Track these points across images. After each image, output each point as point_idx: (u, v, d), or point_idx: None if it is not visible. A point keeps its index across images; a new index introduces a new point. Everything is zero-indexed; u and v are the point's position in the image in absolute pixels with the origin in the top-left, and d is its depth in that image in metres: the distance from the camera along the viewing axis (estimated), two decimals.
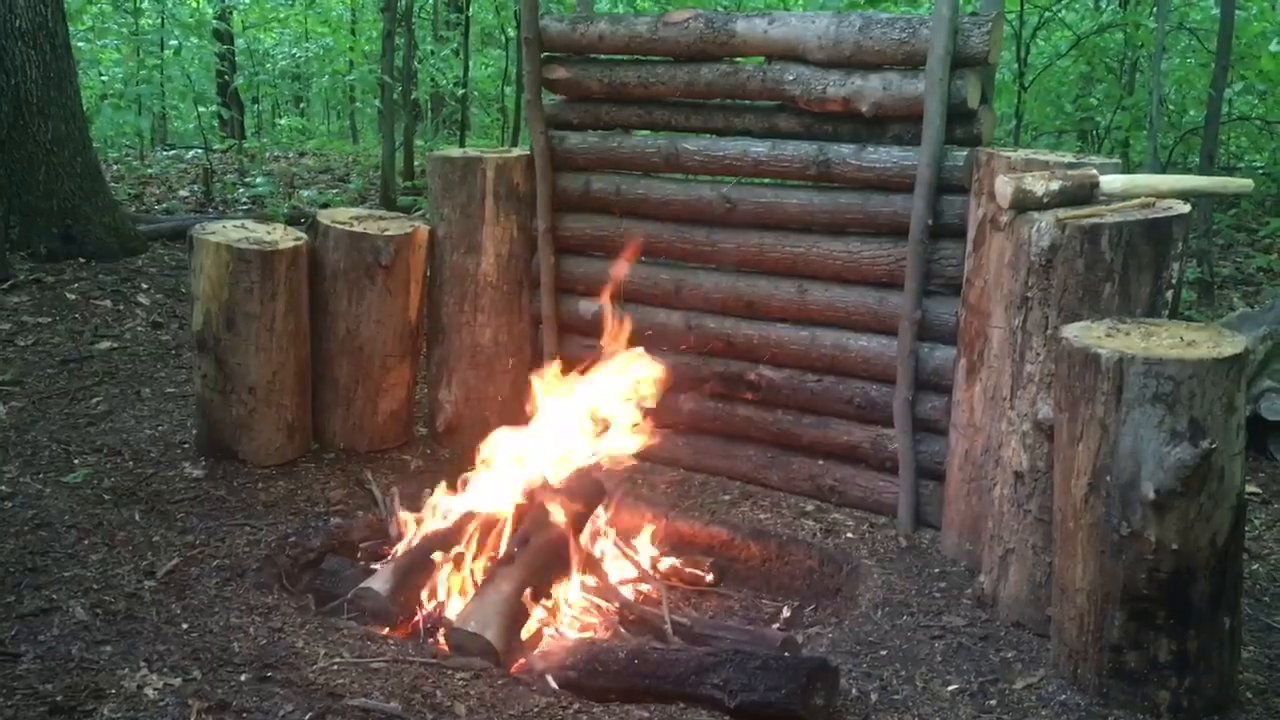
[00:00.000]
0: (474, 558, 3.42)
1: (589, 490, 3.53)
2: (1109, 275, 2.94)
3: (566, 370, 3.96)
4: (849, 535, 3.80)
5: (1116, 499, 2.70)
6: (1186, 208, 3.00)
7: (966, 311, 3.52)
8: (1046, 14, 9.34)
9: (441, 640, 3.13)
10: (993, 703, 2.81)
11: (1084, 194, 3.09)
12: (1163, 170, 7.69)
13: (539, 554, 3.27)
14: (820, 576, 3.68)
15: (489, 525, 3.48)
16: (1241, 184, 3.19)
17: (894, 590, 3.41)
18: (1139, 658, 2.75)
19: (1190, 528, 2.65)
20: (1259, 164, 10.62)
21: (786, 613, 3.56)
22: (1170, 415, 2.61)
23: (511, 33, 10.40)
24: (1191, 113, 9.75)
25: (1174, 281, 2.98)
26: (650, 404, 3.78)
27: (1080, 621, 2.84)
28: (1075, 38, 9.88)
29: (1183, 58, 9.29)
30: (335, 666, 2.82)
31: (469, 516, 3.52)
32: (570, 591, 3.36)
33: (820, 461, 4.02)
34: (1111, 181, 3.11)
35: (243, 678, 2.70)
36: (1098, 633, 2.80)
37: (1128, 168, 9.58)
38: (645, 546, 3.82)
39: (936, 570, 3.55)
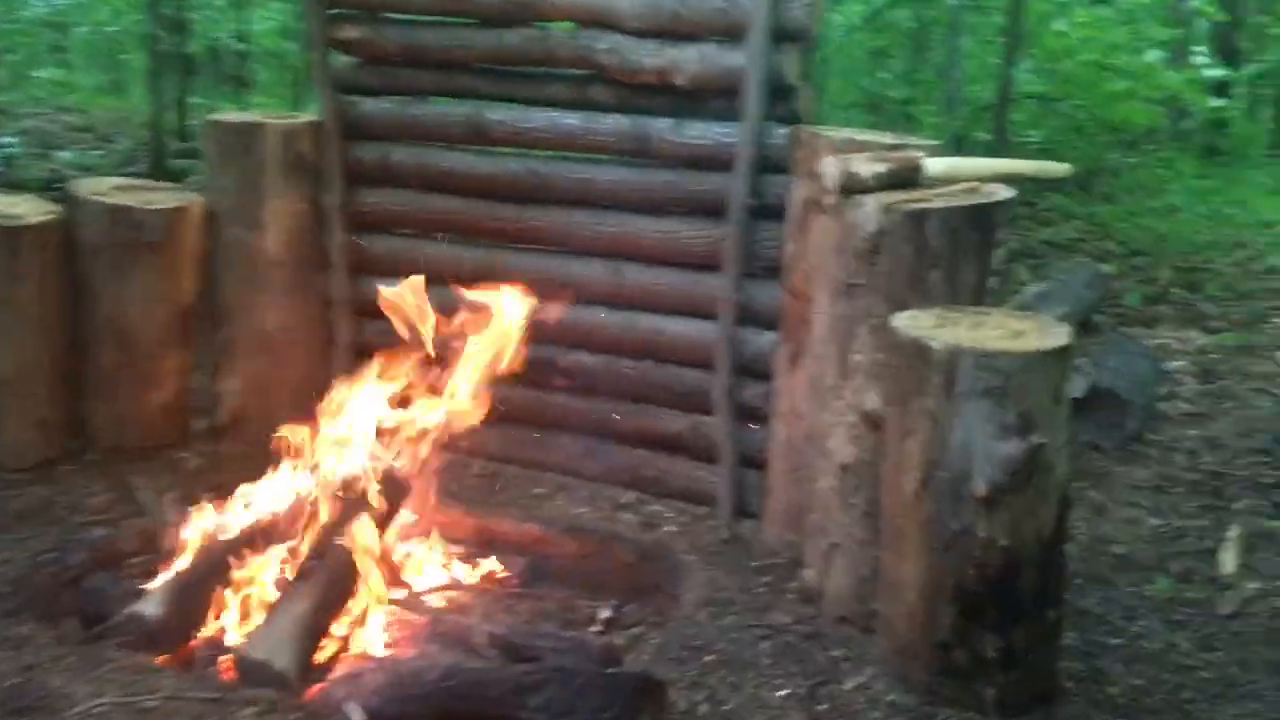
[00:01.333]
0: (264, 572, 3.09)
1: (391, 491, 3.25)
2: (936, 262, 2.86)
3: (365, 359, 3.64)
4: (669, 528, 3.65)
5: (947, 494, 2.63)
6: (1010, 193, 2.95)
7: (789, 295, 3.40)
8: None
9: (226, 670, 2.81)
10: (823, 707, 2.72)
11: (909, 177, 3.00)
12: (958, 147, 7.87)
13: (336, 569, 2.97)
14: (640, 573, 3.52)
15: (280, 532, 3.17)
16: (1059, 168, 3.17)
17: (717, 587, 3.28)
18: (967, 655, 2.70)
19: (1019, 522, 2.61)
20: (1035, 139, 11.06)
21: (606, 613, 3.37)
22: (1000, 409, 2.55)
23: None
24: (975, 87, 10.07)
25: (997, 268, 2.92)
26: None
27: (909, 619, 2.77)
28: (870, 11, 10.04)
29: (972, 35, 9.55)
30: (100, 709, 2.48)
31: (257, 525, 3.19)
32: (372, 606, 3.08)
33: (638, 451, 3.85)
34: (935, 165, 3.04)
35: None
36: (927, 630, 2.73)
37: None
38: (453, 548, 3.57)
39: (759, 563, 3.44)
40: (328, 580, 2.96)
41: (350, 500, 3.15)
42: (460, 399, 3.43)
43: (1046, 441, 2.54)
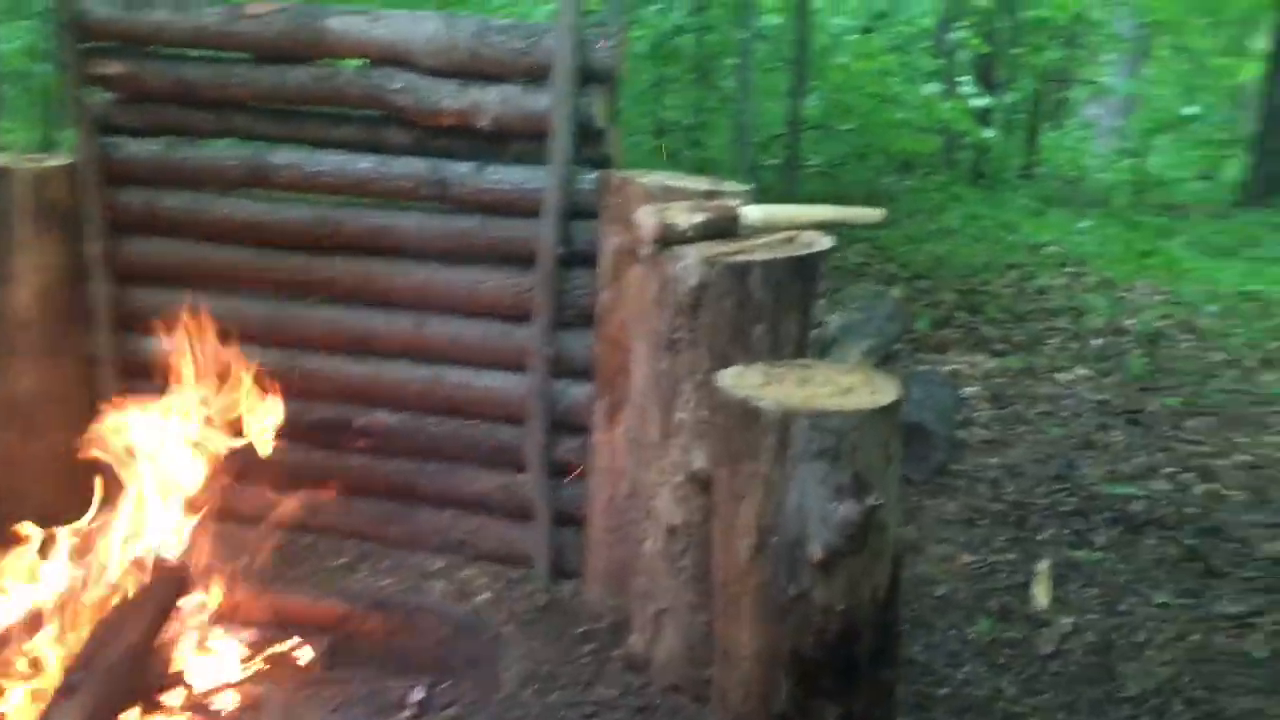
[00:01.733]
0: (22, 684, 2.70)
1: (166, 583, 2.91)
2: (759, 315, 2.76)
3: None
4: (484, 595, 3.43)
5: (782, 560, 2.52)
6: (829, 242, 2.89)
7: (604, 347, 3.25)
8: (630, 16, 9.45)
9: None
10: None
11: (726, 226, 2.90)
12: (752, 177, 7.95)
13: (107, 679, 2.61)
14: (454, 647, 3.29)
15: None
16: (873, 214, 3.13)
17: (539, 660, 3.08)
18: None
19: (856, 585, 2.53)
20: (818, 164, 11.38)
21: (418, 695, 3.12)
22: (834, 470, 2.46)
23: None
24: (762, 114, 10.26)
25: (819, 320, 2.86)
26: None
27: (745, 688, 2.64)
28: (656, 38, 10.09)
29: (759, 66, 9.71)
30: None
31: (10, 629, 2.79)
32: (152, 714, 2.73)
33: (448, 513, 3.61)
34: (751, 212, 2.95)
35: None
36: (764, 700, 2.61)
37: (704, 170, 9.93)
38: (245, 633, 3.24)
39: (582, 629, 3.26)
40: (98, 691, 2.60)
41: (122, 594, 2.80)
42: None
43: (883, 502, 2.47)
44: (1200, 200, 12.34)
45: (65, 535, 3.00)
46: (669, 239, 2.83)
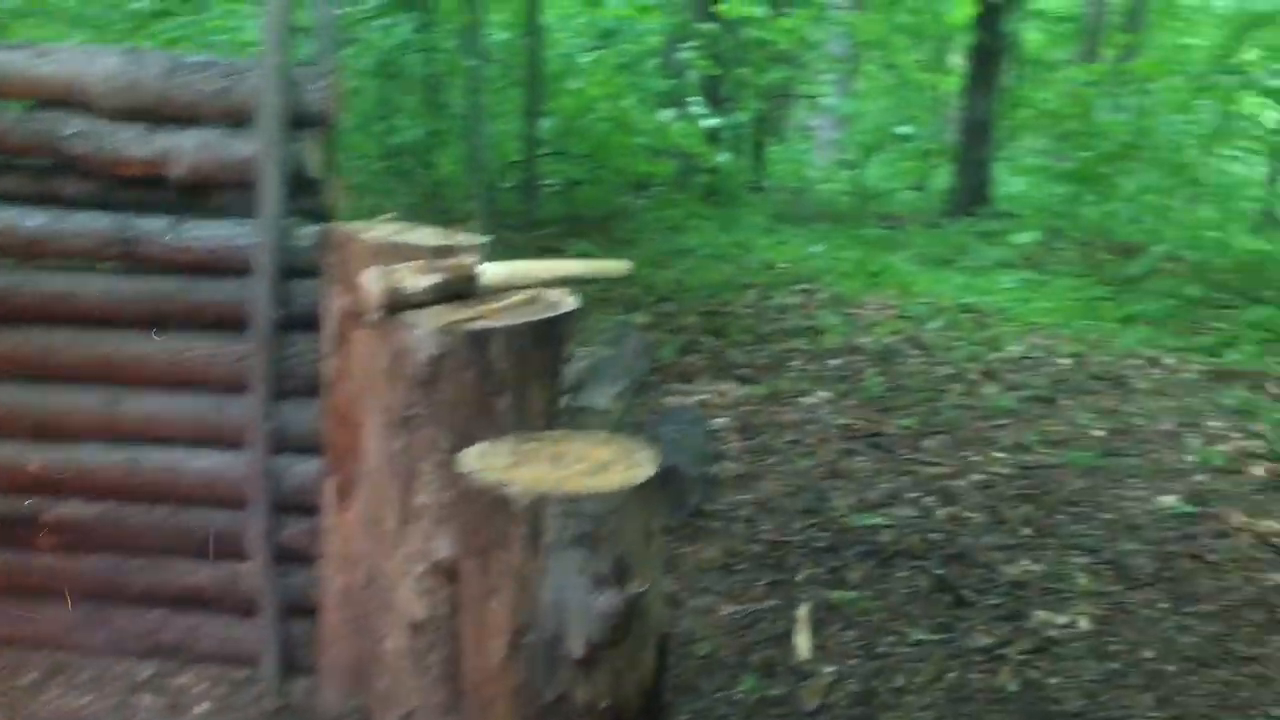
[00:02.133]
0: None
1: None
2: (503, 387, 2.53)
3: None
4: (203, 706, 3.04)
5: (540, 659, 2.29)
6: (576, 302, 2.69)
7: (333, 420, 2.92)
8: (351, 34, 9.03)
9: None
10: None
11: (463, 286, 2.65)
12: (488, 199, 7.72)
13: None
14: None
15: None
16: (618, 266, 2.97)
17: None
18: None
19: (620, 678, 2.33)
20: (553, 184, 11.27)
21: None
22: (593, 558, 2.25)
23: None
24: (499, 135, 10.03)
25: (567, 387, 2.65)
26: None
27: None
28: (380, 56, 9.71)
29: (490, 85, 9.50)
30: None
31: None
32: None
33: (156, 612, 3.18)
34: (490, 270, 2.71)
35: None
36: None
37: (436, 189, 9.61)
38: None
39: None
40: None
41: None
42: None
43: (646, 588, 2.29)
44: (913, 210, 13.02)
45: None
46: (398, 304, 2.55)
